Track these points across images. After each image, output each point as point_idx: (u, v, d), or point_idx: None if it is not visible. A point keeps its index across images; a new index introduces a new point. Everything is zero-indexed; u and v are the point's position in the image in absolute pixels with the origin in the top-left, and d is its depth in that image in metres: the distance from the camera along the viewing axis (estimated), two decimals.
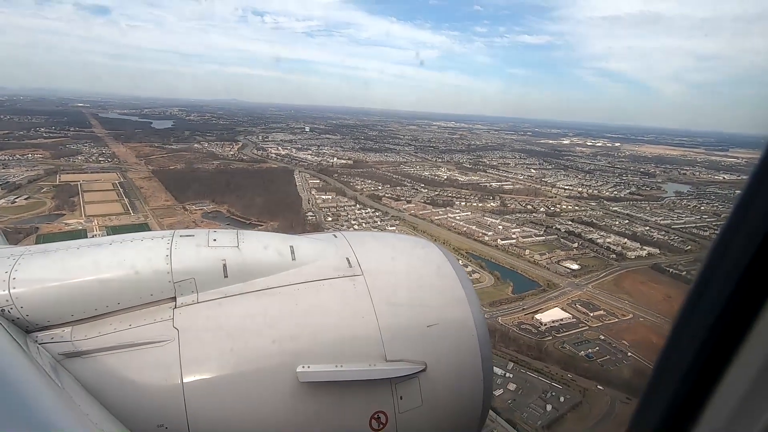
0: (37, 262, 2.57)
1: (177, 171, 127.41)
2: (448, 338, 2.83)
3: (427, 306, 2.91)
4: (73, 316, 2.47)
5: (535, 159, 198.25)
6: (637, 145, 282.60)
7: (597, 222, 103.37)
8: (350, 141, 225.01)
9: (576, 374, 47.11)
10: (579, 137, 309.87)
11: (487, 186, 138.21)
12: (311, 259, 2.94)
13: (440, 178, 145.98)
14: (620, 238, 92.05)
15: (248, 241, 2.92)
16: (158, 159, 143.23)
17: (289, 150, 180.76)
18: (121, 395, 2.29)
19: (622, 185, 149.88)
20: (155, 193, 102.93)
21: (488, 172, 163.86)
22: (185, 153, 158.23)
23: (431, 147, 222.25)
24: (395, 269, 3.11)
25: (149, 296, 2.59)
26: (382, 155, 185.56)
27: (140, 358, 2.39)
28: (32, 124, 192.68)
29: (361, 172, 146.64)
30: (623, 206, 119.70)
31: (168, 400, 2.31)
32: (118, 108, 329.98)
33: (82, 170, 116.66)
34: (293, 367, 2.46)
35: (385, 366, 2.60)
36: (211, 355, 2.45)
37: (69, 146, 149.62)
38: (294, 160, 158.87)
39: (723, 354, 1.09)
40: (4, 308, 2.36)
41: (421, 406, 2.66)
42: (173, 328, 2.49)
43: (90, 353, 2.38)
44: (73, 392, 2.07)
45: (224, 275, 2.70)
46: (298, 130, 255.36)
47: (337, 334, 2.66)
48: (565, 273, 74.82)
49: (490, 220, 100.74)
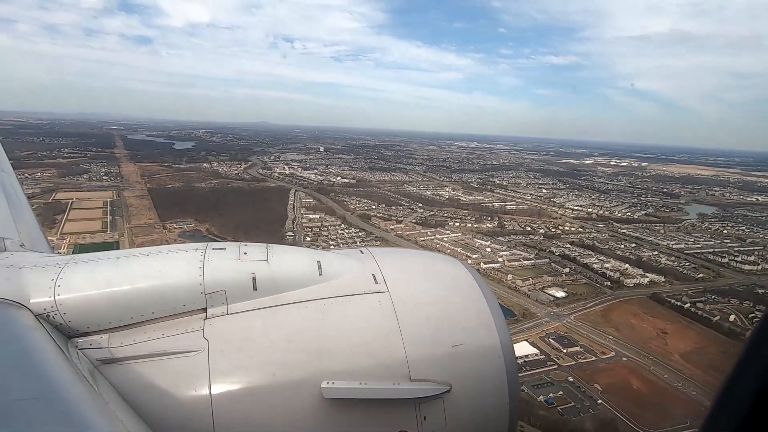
0: (81, 271, 2.66)
1: (173, 190, 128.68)
2: (474, 359, 2.77)
3: (453, 325, 2.84)
4: (110, 323, 2.56)
5: (549, 179, 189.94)
6: (666, 164, 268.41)
7: (599, 245, 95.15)
8: (362, 161, 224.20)
9: (527, 423, 40.06)
10: (604, 157, 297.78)
11: (490, 206, 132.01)
12: (338, 274, 2.95)
13: (442, 198, 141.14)
14: (621, 263, 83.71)
15: (277, 255, 2.96)
16: (161, 178, 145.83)
17: (295, 169, 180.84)
18: (152, 403, 2.33)
19: (639, 206, 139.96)
20: (142, 212, 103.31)
21: (495, 192, 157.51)
22: (190, 172, 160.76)
23: (444, 167, 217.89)
24: (421, 287, 3.04)
25: (182, 307, 2.65)
26: (390, 175, 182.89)
27: (171, 368, 2.44)
28: (59, 145, 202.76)
29: (361, 192, 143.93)
30: (634, 228, 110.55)
31: (196, 410, 2.35)
32: (148, 130, 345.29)
33: (81, 188, 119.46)
34: (318, 383, 2.47)
35: (410, 385, 2.57)
36: (239, 367, 2.48)
37: (82, 165, 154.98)
38: (297, 179, 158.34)
39: None
40: (49, 314, 2.46)
41: (445, 427, 2.61)
42: (203, 338, 2.55)
43: (124, 360, 2.45)
44: (109, 398, 2.14)
45: (254, 288, 2.75)
46: (313, 150, 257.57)
47: (362, 350, 2.64)
48: (547, 301, 67.55)
49: (479, 242, 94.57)
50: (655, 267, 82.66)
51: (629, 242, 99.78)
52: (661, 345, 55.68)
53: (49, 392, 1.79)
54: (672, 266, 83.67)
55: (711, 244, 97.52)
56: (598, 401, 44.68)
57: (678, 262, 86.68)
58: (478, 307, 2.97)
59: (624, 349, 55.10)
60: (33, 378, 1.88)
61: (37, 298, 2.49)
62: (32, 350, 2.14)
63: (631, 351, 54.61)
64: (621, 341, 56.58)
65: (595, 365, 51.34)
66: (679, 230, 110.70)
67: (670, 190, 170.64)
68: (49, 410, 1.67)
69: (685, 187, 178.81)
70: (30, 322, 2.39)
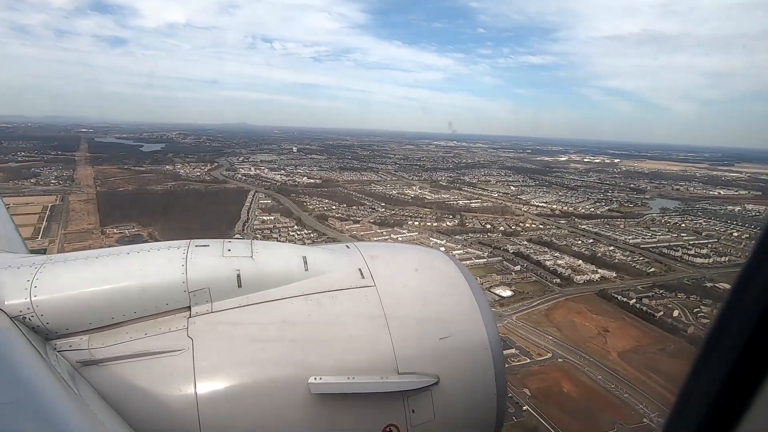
0: (58, 271, 2.60)
1: (123, 193, 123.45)
2: (461, 351, 2.80)
3: (440, 318, 2.88)
4: (90, 324, 2.51)
5: (520, 176, 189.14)
6: (638, 161, 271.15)
7: (556, 242, 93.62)
8: (334, 161, 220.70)
9: None
10: (578, 154, 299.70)
11: (454, 204, 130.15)
12: (324, 269, 2.94)
13: (407, 197, 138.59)
14: (575, 259, 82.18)
15: (262, 251, 2.92)
16: (115, 181, 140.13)
17: (262, 170, 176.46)
18: (135, 404, 2.30)
19: (604, 201, 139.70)
20: (83, 216, 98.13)
21: (463, 190, 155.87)
22: (149, 174, 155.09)
23: (417, 166, 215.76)
24: (408, 280, 3.06)
25: (165, 305, 2.62)
26: (359, 174, 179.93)
27: (154, 368, 2.41)
28: (17, 149, 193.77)
29: (324, 192, 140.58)
30: (595, 224, 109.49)
31: (181, 410, 2.32)
32: (120, 133, 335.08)
33: (22, 193, 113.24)
34: (305, 378, 2.46)
35: (397, 378, 2.58)
36: (224, 365, 2.47)
37: (33, 169, 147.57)
38: (261, 180, 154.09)
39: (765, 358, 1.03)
40: (25, 315, 2.40)
41: (434, 419, 2.63)
42: (188, 337, 2.52)
43: (106, 362, 2.41)
44: (89, 400, 2.10)
45: (238, 285, 2.72)
46: (286, 151, 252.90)
47: (349, 345, 2.65)
48: (491, 301, 65.21)
49: (434, 241, 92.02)
50: (609, 262, 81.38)
51: (588, 238, 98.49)
52: (600, 344, 53.77)
53: (26, 396, 1.72)
54: (626, 261, 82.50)
55: (667, 238, 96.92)
56: (524, 408, 42.17)
57: (632, 256, 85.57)
58: (464, 300, 2.97)
59: (562, 349, 53.00)
60: (9, 382, 1.81)
61: (12, 299, 2.42)
62: (8, 354, 2.07)
63: (569, 351, 52.58)
64: (560, 341, 54.50)
65: (528, 368, 48.94)
66: (638, 225, 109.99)
67: (637, 186, 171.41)
68: (27, 414, 1.60)
69: (653, 182, 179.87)
70: (5, 324, 2.31)
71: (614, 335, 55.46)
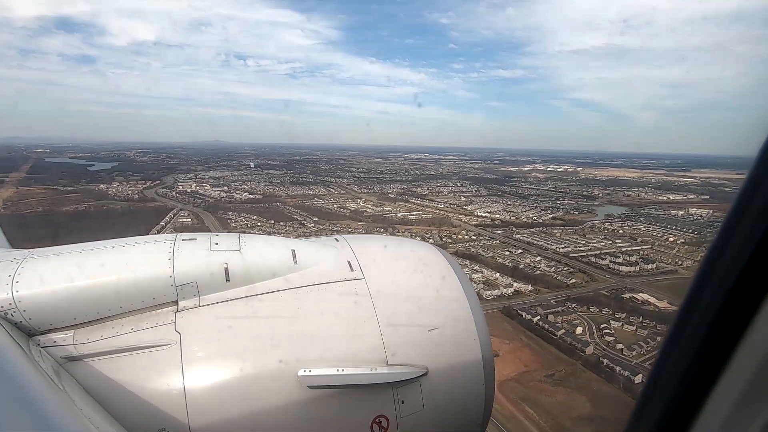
0: (40, 266, 2.54)
1: (26, 215, 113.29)
2: (450, 342, 2.82)
3: (429, 310, 2.89)
4: (75, 319, 2.47)
5: (476, 186, 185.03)
6: (600, 168, 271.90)
7: (482, 254, 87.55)
8: (290, 175, 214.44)
9: None
10: (544, 163, 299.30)
11: (392, 217, 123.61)
12: (313, 262, 2.92)
13: (346, 211, 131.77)
14: (493, 272, 75.90)
15: (250, 245, 2.90)
16: (29, 202, 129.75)
17: (203, 187, 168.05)
18: (123, 399, 2.30)
19: (550, 209, 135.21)
20: None
21: (409, 202, 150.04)
22: (74, 195, 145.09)
23: (374, 179, 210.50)
24: (397, 273, 3.07)
25: (151, 300, 2.59)
26: (308, 188, 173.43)
27: (141, 362, 2.40)
28: None
29: (257, 208, 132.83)
30: (532, 233, 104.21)
31: (170, 404, 2.31)
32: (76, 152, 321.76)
33: None
34: (295, 371, 2.47)
35: (387, 370, 2.59)
36: (213, 359, 2.46)
37: None
38: (195, 197, 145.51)
39: (718, 358, 1.09)
40: (7, 312, 2.36)
41: (423, 410, 2.66)
42: (175, 331, 2.50)
43: (92, 357, 2.38)
44: (75, 396, 2.08)
45: (226, 279, 2.70)
46: (243, 167, 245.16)
47: (339, 337, 2.66)
48: None
49: None
50: (530, 274, 75.39)
51: (518, 248, 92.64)
52: None
53: (9, 393, 1.68)
54: (548, 272, 76.62)
55: (601, 246, 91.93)
56: None
57: (557, 267, 79.99)
58: (453, 292, 2.97)
59: None
60: None
61: None
62: None
63: None
64: None
65: None
66: (576, 233, 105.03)
67: (590, 193, 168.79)
68: (10, 411, 1.55)
69: (607, 189, 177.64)
70: None
71: (503, 360, 48.51)
